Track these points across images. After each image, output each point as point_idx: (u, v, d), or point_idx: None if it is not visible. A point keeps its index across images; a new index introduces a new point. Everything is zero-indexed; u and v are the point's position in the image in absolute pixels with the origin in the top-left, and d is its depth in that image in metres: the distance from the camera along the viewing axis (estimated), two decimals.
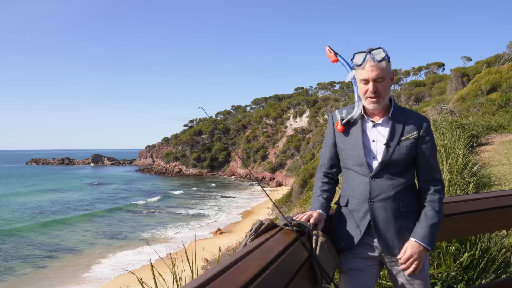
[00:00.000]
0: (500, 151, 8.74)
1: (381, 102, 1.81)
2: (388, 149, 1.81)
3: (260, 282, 1.09)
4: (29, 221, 26.50)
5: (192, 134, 67.60)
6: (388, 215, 1.80)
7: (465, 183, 5.33)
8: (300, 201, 17.26)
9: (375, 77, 1.76)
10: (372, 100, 1.79)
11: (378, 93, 1.78)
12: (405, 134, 1.83)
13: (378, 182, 1.81)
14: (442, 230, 2.15)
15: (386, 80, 1.79)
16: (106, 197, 39.02)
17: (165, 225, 24.23)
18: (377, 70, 1.76)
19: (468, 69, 27.38)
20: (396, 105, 1.90)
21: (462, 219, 2.21)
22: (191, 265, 2.64)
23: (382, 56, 1.76)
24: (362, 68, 1.79)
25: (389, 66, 1.81)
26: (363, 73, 1.79)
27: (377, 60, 1.76)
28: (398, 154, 1.81)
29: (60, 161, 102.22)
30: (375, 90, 1.77)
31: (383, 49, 1.79)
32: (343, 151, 1.92)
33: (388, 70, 1.80)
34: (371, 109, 1.84)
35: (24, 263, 16.85)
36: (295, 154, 51.40)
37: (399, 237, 1.81)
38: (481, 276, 2.91)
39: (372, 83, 1.77)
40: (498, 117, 14.10)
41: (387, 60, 1.78)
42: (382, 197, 1.79)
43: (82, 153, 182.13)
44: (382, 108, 1.85)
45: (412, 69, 48.88)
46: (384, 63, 1.77)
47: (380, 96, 1.79)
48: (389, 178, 1.80)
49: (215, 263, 8.82)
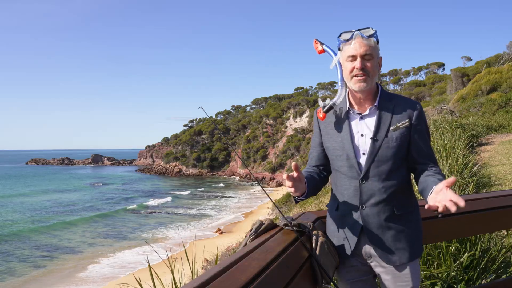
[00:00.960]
0: (500, 151, 8.74)
1: (369, 82, 1.62)
2: (374, 144, 1.63)
3: (260, 282, 1.09)
4: (29, 221, 26.49)
5: (192, 134, 67.58)
6: (381, 220, 1.64)
7: (465, 183, 5.33)
8: (300, 201, 17.20)
9: (363, 53, 1.60)
10: (359, 78, 1.61)
11: (366, 70, 1.61)
12: (394, 123, 1.64)
13: (368, 184, 1.64)
14: (442, 230, 2.15)
15: (374, 59, 1.63)
16: (105, 197, 38.98)
17: (165, 225, 24.21)
18: (365, 46, 1.61)
19: (468, 69, 27.39)
20: (384, 92, 1.71)
21: (462, 219, 2.20)
22: (191, 265, 2.63)
23: (370, 33, 1.62)
24: (349, 44, 1.63)
25: (378, 47, 1.66)
26: (350, 49, 1.63)
27: (366, 35, 1.62)
28: (387, 148, 1.62)
29: (60, 161, 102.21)
30: (362, 67, 1.60)
31: (372, 28, 1.64)
32: (330, 151, 1.75)
33: (377, 51, 1.65)
34: (356, 90, 1.64)
35: (24, 264, 16.85)
36: (295, 154, 51.39)
37: (394, 243, 1.65)
38: (481, 276, 2.91)
39: (360, 59, 1.61)
40: (498, 117, 14.10)
41: (376, 41, 1.64)
42: (374, 201, 1.63)
43: (82, 153, 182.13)
44: (368, 94, 1.67)
45: (412, 69, 48.93)
46: (373, 41, 1.63)
47: (368, 75, 1.61)
48: (380, 178, 1.63)
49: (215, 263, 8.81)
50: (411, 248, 1.67)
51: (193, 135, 67.41)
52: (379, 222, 1.64)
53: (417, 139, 1.65)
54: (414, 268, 1.70)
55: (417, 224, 1.73)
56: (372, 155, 1.63)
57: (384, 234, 1.65)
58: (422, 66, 48.48)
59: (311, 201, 11.60)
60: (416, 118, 1.65)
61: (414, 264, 1.70)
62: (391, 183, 1.63)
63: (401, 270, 1.68)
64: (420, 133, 1.66)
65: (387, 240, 1.65)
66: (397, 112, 1.65)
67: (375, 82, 1.69)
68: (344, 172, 1.70)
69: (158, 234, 21.88)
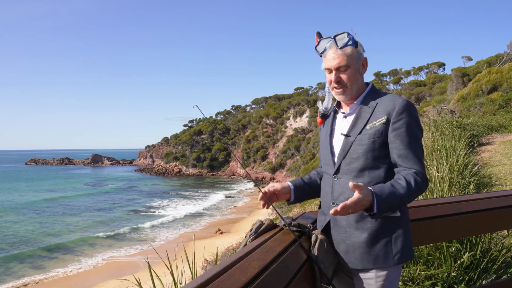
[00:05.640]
0: (501, 151, 8.73)
1: (348, 92, 1.61)
2: (347, 140, 1.61)
3: (260, 282, 1.09)
4: (28, 221, 26.49)
5: (192, 134, 67.59)
6: (349, 219, 1.58)
7: (466, 183, 5.32)
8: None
9: (336, 66, 1.58)
10: (337, 91, 1.62)
11: (342, 83, 1.60)
12: (372, 121, 1.57)
13: (340, 181, 1.61)
14: (443, 230, 2.15)
15: (351, 68, 1.59)
16: (105, 197, 39.00)
17: (165, 225, 24.22)
18: (339, 57, 1.57)
19: (469, 68, 27.39)
20: (372, 90, 1.66)
21: (462, 219, 2.20)
22: (191, 266, 2.63)
23: (344, 41, 1.56)
24: (324, 56, 1.62)
25: (356, 52, 1.60)
26: (326, 61, 1.62)
27: (339, 46, 1.56)
28: (359, 145, 1.57)
29: (60, 161, 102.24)
30: (337, 80, 1.59)
31: (349, 33, 1.57)
32: (319, 151, 1.79)
33: (355, 57, 1.59)
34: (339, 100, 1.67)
35: (23, 264, 16.85)
36: (295, 154, 51.39)
37: (363, 246, 1.55)
38: (482, 277, 2.90)
39: (334, 72, 1.59)
40: (499, 117, 14.09)
41: (353, 46, 1.57)
42: (344, 199, 1.53)
43: (81, 153, 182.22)
44: (352, 98, 1.65)
45: (412, 68, 48.92)
46: (349, 49, 1.57)
47: (345, 86, 1.60)
48: (351, 176, 1.58)
49: (215, 263, 8.80)
50: (382, 253, 1.55)
51: (193, 135, 67.42)
52: (348, 222, 1.59)
53: (393, 138, 1.55)
54: (384, 276, 1.57)
55: (395, 227, 1.57)
56: (344, 152, 1.61)
57: (352, 235, 1.58)
58: (422, 66, 48.45)
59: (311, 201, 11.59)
60: (396, 115, 1.54)
61: (385, 270, 1.57)
62: (362, 181, 1.55)
63: (366, 277, 1.58)
64: (399, 131, 1.54)
65: (355, 241, 1.57)
66: (378, 110, 1.58)
67: (361, 84, 1.66)
68: (325, 169, 1.72)
69: (158, 234, 21.88)
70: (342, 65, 1.58)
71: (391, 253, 1.56)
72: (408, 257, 1.60)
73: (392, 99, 1.58)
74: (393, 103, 1.56)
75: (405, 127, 1.54)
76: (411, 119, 1.55)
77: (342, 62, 1.58)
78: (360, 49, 1.62)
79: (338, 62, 1.58)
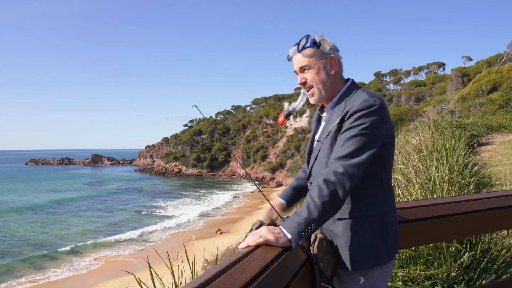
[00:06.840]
0: (501, 151, 8.73)
1: (317, 93, 1.61)
2: (318, 145, 1.62)
3: (260, 282, 1.09)
4: (27, 221, 26.50)
5: (192, 134, 67.60)
6: (327, 223, 1.58)
7: (466, 183, 5.32)
8: (300, 201, 17.21)
9: (297, 68, 1.63)
10: (308, 93, 1.65)
11: (307, 84, 1.62)
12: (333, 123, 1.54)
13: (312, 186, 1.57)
14: (443, 230, 2.15)
15: (314, 68, 1.59)
16: (105, 197, 39.01)
17: (165, 225, 24.22)
18: (299, 59, 1.61)
19: (469, 68, 27.39)
20: (346, 91, 1.60)
21: (462, 219, 2.20)
22: (191, 266, 2.63)
23: (302, 44, 1.59)
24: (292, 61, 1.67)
25: (319, 51, 1.59)
26: (293, 66, 1.67)
27: (298, 49, 1.60)
28: (323, 149, 1.56)
29: (60, 161, 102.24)
30: (302, 81, 1.62)
31: (308, 35, 1.59)
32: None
33: (317, 57, 1.59)
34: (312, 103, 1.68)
35: (23, 264, 16.86)
36: (295, 154, 51.39)
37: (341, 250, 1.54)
38: (482, 277, 2.90)
39: (299, 75, 1.64)
40: (499, 117, 14.10)
41: (313, 48, 1.58)
42: None
43: (81, 153, 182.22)
44: (328, 99, 1.64)
45: (412, 68, 48.88)
46: (308, 50, 1.58)
47: (312, 87, 1.62)
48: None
49: (215, 263, 8.81)
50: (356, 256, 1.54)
51: (193, 135, 67.43)
52: (326, 225, 1.60)
53: (338, 139, 1.48)
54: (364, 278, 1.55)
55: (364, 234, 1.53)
56: (314, 157, 1.64)
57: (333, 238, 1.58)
58: (422, 66, 48.41)
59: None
60: (350, 114, 1.47)
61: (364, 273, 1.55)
62: None
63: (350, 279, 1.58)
64: (345, 132, 1.46)
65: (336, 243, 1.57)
66: (343, 109, 1.53)
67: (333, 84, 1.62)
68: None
69: (158, 234, 21.89)
70: (302, 66, 1.61)
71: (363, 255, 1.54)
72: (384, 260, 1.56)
73: (358, 98, 1.51)
74: (353, 102, 1.50)
75: (352, 128, 1.45)
76: (364, 119, 1.44)
77: (303, 63, 1.61)
78: (325, 48, 1.60)
79: (297, 64, 1.63)
